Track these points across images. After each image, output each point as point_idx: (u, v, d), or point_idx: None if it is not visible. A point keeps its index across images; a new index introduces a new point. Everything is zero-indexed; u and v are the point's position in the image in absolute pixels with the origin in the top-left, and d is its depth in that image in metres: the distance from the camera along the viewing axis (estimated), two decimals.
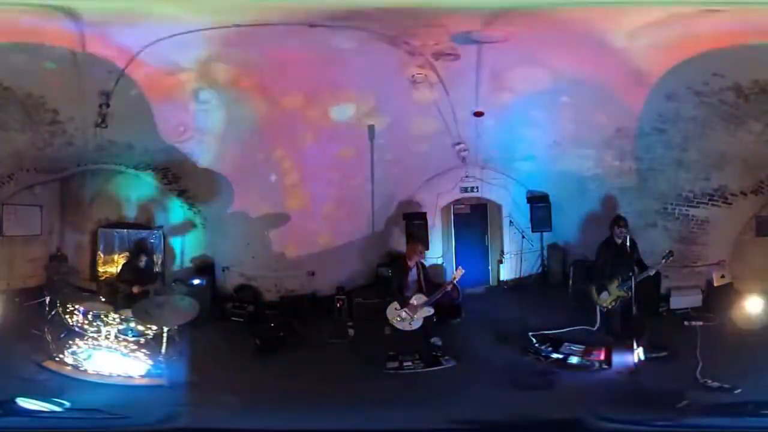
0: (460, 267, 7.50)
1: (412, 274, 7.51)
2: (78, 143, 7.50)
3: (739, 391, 5.42)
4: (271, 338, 7.35)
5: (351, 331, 7.81)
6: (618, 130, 7.89)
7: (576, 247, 9.26)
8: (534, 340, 6.89)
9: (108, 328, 6.37)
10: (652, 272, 7.06)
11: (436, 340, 7.05)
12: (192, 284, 8.47)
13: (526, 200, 9.61)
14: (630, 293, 6.89)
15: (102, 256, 8.81)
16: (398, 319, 7.26)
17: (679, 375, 5.82)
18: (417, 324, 7.24)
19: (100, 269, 8.78)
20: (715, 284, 8.16)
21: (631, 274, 6.93)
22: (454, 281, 7.39)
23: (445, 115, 8.02)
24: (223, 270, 8.90)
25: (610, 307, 7.13)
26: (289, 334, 7.48)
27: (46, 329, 6.49)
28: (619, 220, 7.30)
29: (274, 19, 5.85)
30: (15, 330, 6.80)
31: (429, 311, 7.26)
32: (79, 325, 6.46)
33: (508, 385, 5.97)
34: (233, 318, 8.34)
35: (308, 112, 7.70)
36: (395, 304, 7.32)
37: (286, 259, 8.98)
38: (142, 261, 7.78)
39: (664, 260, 6.96)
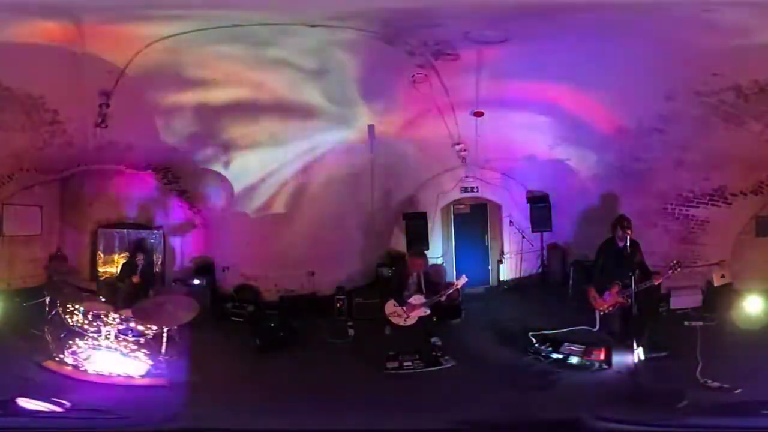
0: (463, 275, 7.37)
1: (413, 275, 7.51)
2: (78, 143, 7.51)
3: (739, 391, 5.41)
4: (271, 338, 7.34)
5: (351, 331, 7.80)
6: (618, 130, 7.90)
7: (576, 247, 9.27)
8: (534, 340, 6.87)
9: (108, 328, 6.37)
10: (655, 282, 6.77)
11: (435, 340, 7.04)
12: (192, 284, 8.48)
13: (526, 200, 9.62)
14: (629, 300, 6.59)
15: (102, 256, 8.82)
16: (395, 315, 7.26)
17: (679, 375, 5.80)
18: (411, 321, 7.23)
19: (100, 269, 8.79)
20: (715, 284, 8.17)
21: (632, 278, 6.58)
22: (456, 288, 7.37)
23: (445, 115, 8.02)
24: (223, 270, 8.90)
25: (607, 311, 6.94)
26: (289, 334, 7.47)
27: (46, 329, 6.48)
28: (622, 221, 6.80)
29: (275, 19, 5.85)
30: (15, 330, 6.80)
31: (425, 311, 7.26)
32: (79, 325, 6.45)
33: (508, 385, 5.96)
34: (233, 318, 8.35)
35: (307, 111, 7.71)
36: (393, 301, 7.32)
37: (286, 259, 8.98)
38: (141, 260, 7.77)
39: (671, 271, 6.65)
